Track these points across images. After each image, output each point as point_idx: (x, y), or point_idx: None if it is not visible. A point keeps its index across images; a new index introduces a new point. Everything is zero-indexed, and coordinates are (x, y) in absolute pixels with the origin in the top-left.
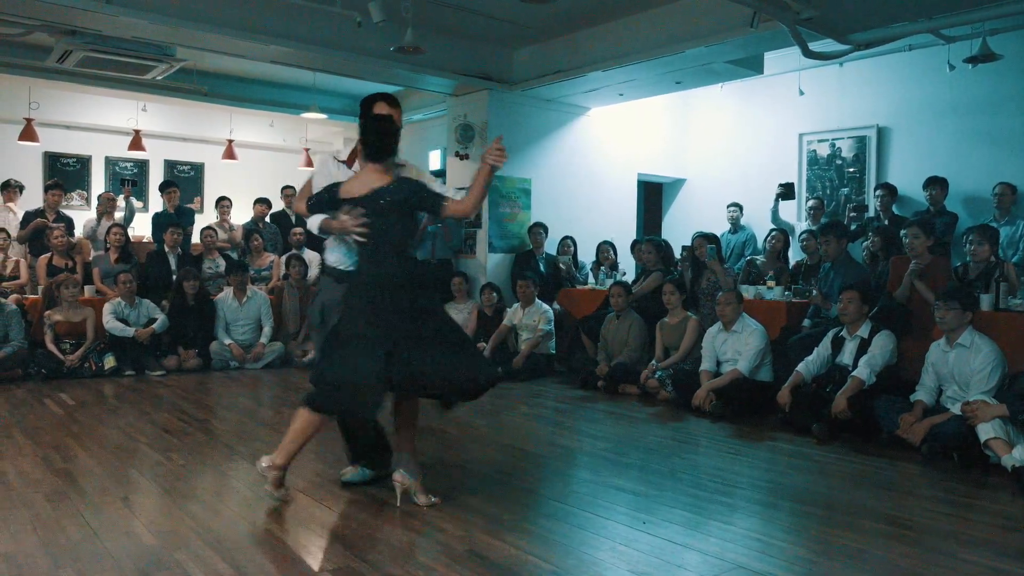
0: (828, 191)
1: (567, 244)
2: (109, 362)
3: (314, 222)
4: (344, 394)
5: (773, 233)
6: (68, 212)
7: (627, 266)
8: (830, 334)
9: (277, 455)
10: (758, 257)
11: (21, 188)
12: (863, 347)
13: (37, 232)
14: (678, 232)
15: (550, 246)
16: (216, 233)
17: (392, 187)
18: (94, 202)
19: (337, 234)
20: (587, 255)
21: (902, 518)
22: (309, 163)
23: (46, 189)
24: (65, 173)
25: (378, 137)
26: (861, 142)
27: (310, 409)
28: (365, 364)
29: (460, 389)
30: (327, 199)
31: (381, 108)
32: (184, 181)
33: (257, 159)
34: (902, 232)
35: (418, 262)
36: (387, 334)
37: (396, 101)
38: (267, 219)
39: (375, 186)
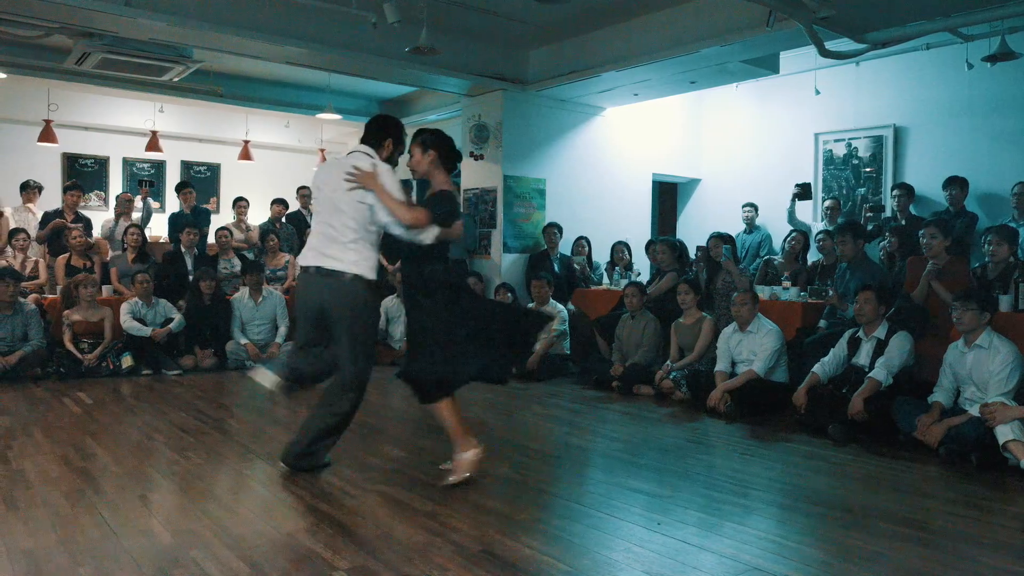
0: (844, 191)
1: (582, 244)
2: (126, 361)
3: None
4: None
5: (793, 234)
6: (86, 213)
7: (642, 266)
8: (846, 335)
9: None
10: (775, 257)
11: (40, 189)
12: (880, 348)
13: (56, 232)
14: (693, 232)
15: (564, 246)
16: (231, 233)
17: None
18: (112, 203)
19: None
20: (602, 255)
21: (919, 520)
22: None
23: (65, 190)
24: (83, 174)
25: None
26: (878, 142)
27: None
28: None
29: None
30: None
31: None
32: (200, 182)
33: (273, 160)
34: (919, 232)
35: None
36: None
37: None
38: (283, 219)
39: None
